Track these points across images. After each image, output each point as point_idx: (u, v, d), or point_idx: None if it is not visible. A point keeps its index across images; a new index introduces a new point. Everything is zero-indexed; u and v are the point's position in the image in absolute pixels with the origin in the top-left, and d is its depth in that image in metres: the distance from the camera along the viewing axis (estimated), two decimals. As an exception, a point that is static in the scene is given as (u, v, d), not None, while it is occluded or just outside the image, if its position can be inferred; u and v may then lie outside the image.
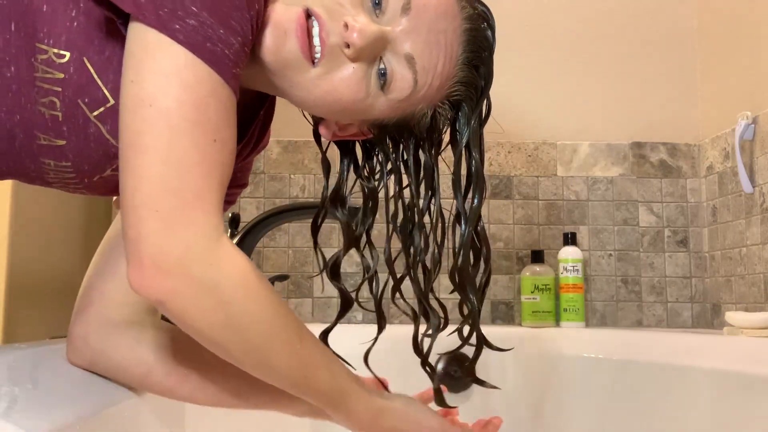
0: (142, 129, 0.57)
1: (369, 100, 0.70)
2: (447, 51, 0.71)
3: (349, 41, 0.66)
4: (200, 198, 0.57)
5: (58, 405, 0.62)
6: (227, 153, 0.60)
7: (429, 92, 0.72)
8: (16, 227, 1.35)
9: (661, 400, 1.29)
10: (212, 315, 0.59)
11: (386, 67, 0.69)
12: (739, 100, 1.65)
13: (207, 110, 0.58)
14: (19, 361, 0.70)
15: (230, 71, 0.60)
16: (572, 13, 1.89)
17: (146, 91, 0.58)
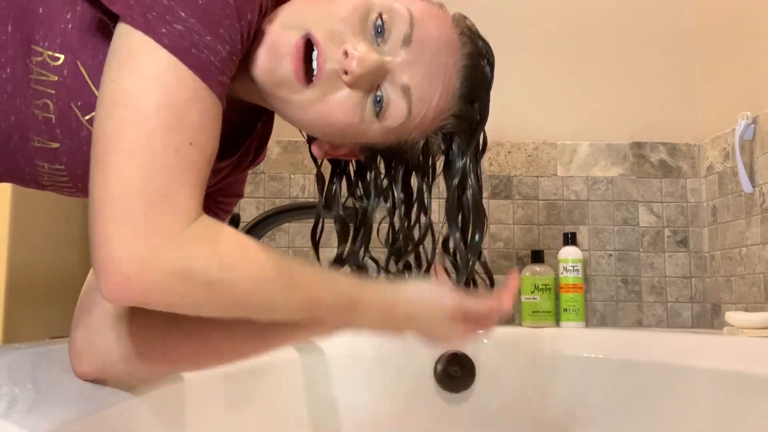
0: (116, 129, 0.56)
1: (363, 125, 0.70)
2: (444, 84, 0.71)
3: (348, 69, 0.66)
4: (169, 200, 0.56)
5: (58, 405, 0.62)
6: (205, 157, 0.59)
7: (422, 123, 0.72)
8: (16, 227, 1.35)
9: (661, 400, 1.29)
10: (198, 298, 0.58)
11: (383, 95, 0.69)
12: (739, 100, 1.65)
13: (186, 114, 0.58)
14: (19, 361, 0.70)
15: (215, 78, 0.60)
16: (572, 13, 1.89)
17: (125, 92, 0.57)
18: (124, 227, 0.55)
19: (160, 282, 0.56)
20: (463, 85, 0.73)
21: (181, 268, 0.56)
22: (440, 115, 0.73)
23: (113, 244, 0.55)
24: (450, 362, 1.51)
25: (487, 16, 1.96)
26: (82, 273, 0.81)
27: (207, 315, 0.62)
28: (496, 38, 2.07)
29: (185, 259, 0.56)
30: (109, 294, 0.56)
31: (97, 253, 0.56)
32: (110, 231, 0.55)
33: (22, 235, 1.38)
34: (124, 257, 0.55)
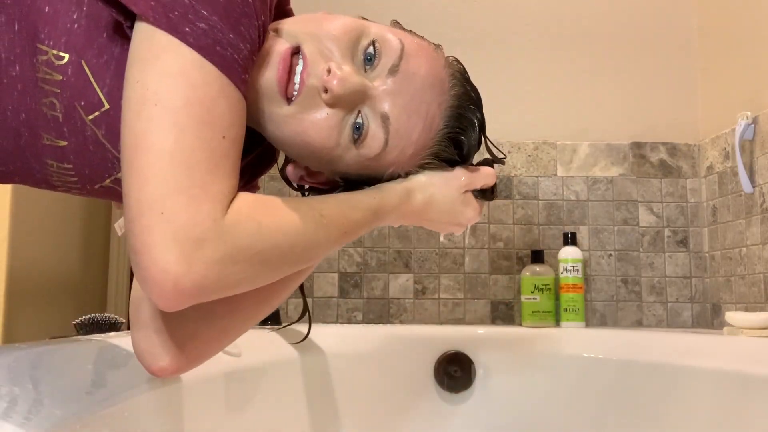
0: (147, 128, 0.56)
1: (338, 150, 0.70)
2: (426, 122, 0.71)
3: (328, 86, 0.66)
4: (208, 191, 0.56)
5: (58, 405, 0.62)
6: (236, 150, 0.60)
7: (400, 157, 0.72)
8: (16, 227, 1.35)
9: (661, 400, 1.29)
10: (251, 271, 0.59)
11: (363, 122, 0.69)
12: (739, 100, 1.65)
13: (215, 109, 0.58)
14: (19, 361, 0.70)
15: (239, 76, 0.60)
16: (572, 13, 1.89)
17: (151, 91, 0.57)
18: (168, 229, 0.54)
19: (212, 274, 0.56)
20: (447, 126, 0.73)
21: (227, 253, 0.56)
22: (420, 152, 0.73)
23: (158, 251, 0.54)
24: (450, 362, 1.51)
25: (488, 16, 1.96)
26: (82, 273, 0.81)
27: (267, 281, 0.63)
28: (497, 38, 2.06)
29: (229, 243, 0.57)
30: (164, 302, 0.56)
31: (142, 261, 0.55)
32: (154, 236, 0.54)
33: (22, 235, 1.38)
34: (172, 261, 0.54)
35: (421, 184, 0.75)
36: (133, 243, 0.56)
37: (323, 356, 1.43)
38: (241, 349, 1.16)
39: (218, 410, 1.05)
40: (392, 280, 1.79)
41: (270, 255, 0.60)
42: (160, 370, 0.69)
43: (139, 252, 0.55)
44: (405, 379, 1.50)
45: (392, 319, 1.79)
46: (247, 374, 1.16)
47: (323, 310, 1.79)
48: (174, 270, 0.54)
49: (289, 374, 1.33)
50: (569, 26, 1.89)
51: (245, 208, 0.59)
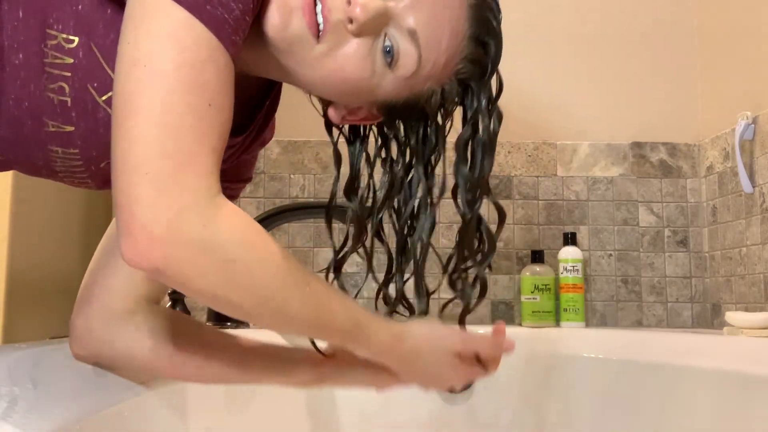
0: (135, 90, 0.56)
1: (375, 78, 0.69)
2: (452, 26, 0.70)
3: (352, 16, 0.65)
4: (194, 160, 0.56)
5: (58, 405, 0.62)
6: (223, 119, 0.59)
7: (435, 69, 0.71)
8: (16, 227, 1.35)
9: (661, 400, 1.29)
10: (216, 275, 0.58)
11: (392, 43, 0.68)
12: (739, 100, 1.65)
13: (204, 73, 0.57)
14: (19, 361, 0.70)
15: (229, 37, 0.59)
16: (572, 13, 1.89)
17: (142, 52, 0.57)
18: (150, 187, 0.55)
19: (182, 248, 0.55)
20: (472, 26, 0.72)
21: (203, 238, 0.56)
22: (452, 60, 0.72)
23: (140, 206, 0.55)
24: (450, 362, 1.50)
25: (487, 16, 1.96)
26: (81, 273, 0.81)
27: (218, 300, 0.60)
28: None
29: (208, 229, 0.56)
30: (131, 256, 0.56)
31: (122, 215, 0.56)
32: (136, 191, 0.55)
33: (22, 235, 1.38)
34: (150, 218, 0.54)
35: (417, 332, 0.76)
36: (116, 197, 0.56)
37: (323, 356, 1.43)
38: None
39: (218, 410, 1.05)
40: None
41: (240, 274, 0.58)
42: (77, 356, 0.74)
43: (121, 206, 0.56)
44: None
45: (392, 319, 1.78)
46: (247, 374, 1.16)
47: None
48: (152, 228, 0.54)
49: (289, 374, 1.32)
50: (569, 26, 1.89)
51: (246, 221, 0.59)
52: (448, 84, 0.73)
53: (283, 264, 0.61)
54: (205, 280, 0.58)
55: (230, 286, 0.59)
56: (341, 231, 0.86)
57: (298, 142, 1.80)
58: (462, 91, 0.75)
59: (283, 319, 0.64)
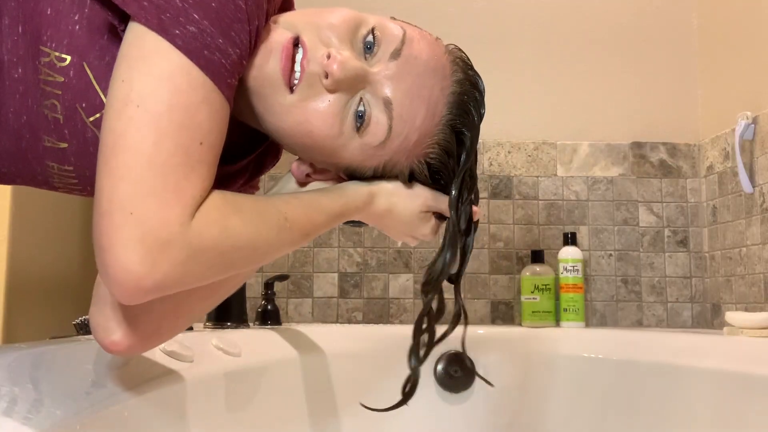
0: (127, 129, 0.57)
1: (341, 139, 0.69)
2: (430, 107, 0.70)
3: (328, 71, 0.66)
4: (180, 196, 0.57)
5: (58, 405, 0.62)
6: (213, 155, 0.60)
7: (404, 145, 0.71)
8: (16, 227, 1.35)
9: (661, 400, 1.29)
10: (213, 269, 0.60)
11: (365, 109, 0.68)
12: (739, 100, 1.65)
13: (197, 115, 0.58)
14: (19, 361, 0.70)
15: (225, 81, 0.60)
16: (572, 13, 1.90)
17: (136, 92, 0.57)
18: (135, 229, 0.55)
19: (174, 274, 0.56)
20: (450, 113, 0.72)
21: (190, 255, 0.57)
22: (423, 139, 0.71)
23: (124, 250, 0.55)
24: (450, 362, 1.51)
25: (488, 16, 1.96)
26: (82, 273, 0.81)
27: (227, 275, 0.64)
28: (496, 38, 2.06)
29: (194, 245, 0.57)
30: (124, 299, 0.57)
31: (106, 259, 0.56)
32: (120, 234, 0.55)
33: (22, 235, 1.38)
34: (135, 261, 0.55)
35: (386, 190, 0.76)
36: (98, 239, 0.57)
37: (323, 356, 1.43)
38: (241, 349, 1.16)
39: (218, 410, 1.05)
40: (392, 280, 1.79)
41: (232, 256, 0.61)
42: (112, 344, 0.69)
43: (104, 249, 0.56)
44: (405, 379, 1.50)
45: (392, 319, 1.79)
46: (247, 374, 1.16)
47: (323, 310, 1.79)
48: (136, 270, 0.55)
49: (289, 374, 1.33)
50: (569, 26, 1.89)
51: (213, 211, 0.59)
52: (417, 165, 0.73)
53: (260, 223, 0.63)
54: (205, 278, 0.61)
55: (229, 268, 0.62)
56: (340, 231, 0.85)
57: (298, 142, 1.80)
58: (430, 176, 0.75)
59: (282, 254, 0.69)
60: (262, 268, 1.78)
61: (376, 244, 1.79)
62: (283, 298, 1.78)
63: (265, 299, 1.58)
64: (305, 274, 1.80)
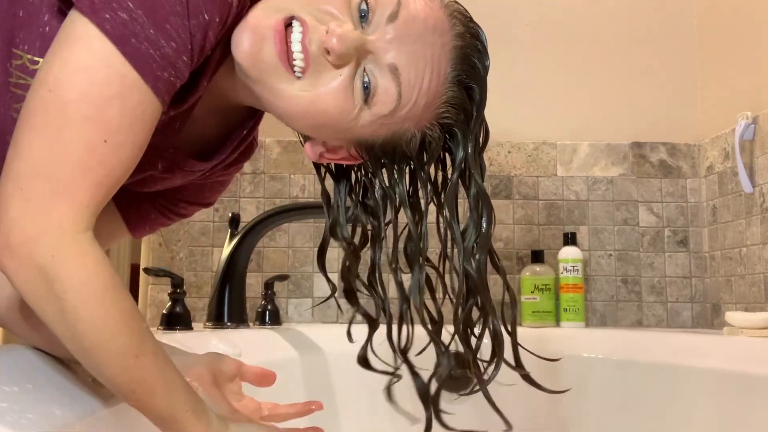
0: (35, 109, 0.57)
1: (353, 113, 0.67)
2: (434, 66, 0.68)
3: (329, 46, 0.64)
4: (70, 192, 0.56)
5: (58, 405, 0.62)
6: (120, 157, 0.59)
7: (415, 110, 0.68)
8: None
9: (661, 400, 1.29)
10: (45, 304, 0.58)
11: (369, 79, 0.66)
12: (739, 100, 1.65)
13: (107, 110, 0.57)
14: (19, 361, 0.70)
15: (153, 73, 0.58)
16: (572, 13, 1.89)
17: (52, 76, 0.57)
18: (20, 202, 0.56)
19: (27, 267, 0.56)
20: (455, 69, 0.70)
21: (48, 268, 0.56)
22: (434, 102, 0.69)
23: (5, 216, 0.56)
24: (450, 362, 1.50)
25: (487, 15, 1.96)
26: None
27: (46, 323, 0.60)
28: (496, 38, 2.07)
29: (56, 262, 0.56)
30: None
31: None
32: (6, 202, 0.56)
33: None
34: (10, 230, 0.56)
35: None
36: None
37: (323, 356, 1.43)
38: (241, 349, 1.16)
39: (218, 410, 1.05)
40: (392, 279, 1.78)
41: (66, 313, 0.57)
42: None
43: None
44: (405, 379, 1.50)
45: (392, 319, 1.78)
46: (247, 374, 1.16)
47: (323, 310, 1.79)
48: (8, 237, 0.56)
49: (289, 374, 1.33)
50: (569, 26, 1.89)
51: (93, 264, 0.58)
52: (429, 128, 0.71)
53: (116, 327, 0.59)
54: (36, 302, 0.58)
55: (57, 320, 0.58)
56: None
57: (298, 142, 1.79)
58: (446, 137, 0.72)
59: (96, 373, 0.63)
60: (262, 268, 1.78)
61: (376, 244, 1.79)
62: (283, 298, 1.78)
63: (265, 299, 1.58)
64: (305, 274, 1.80)
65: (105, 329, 0.59)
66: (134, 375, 0.61)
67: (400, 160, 0.73)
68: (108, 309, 0.58)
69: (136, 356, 0.60)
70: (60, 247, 0.56)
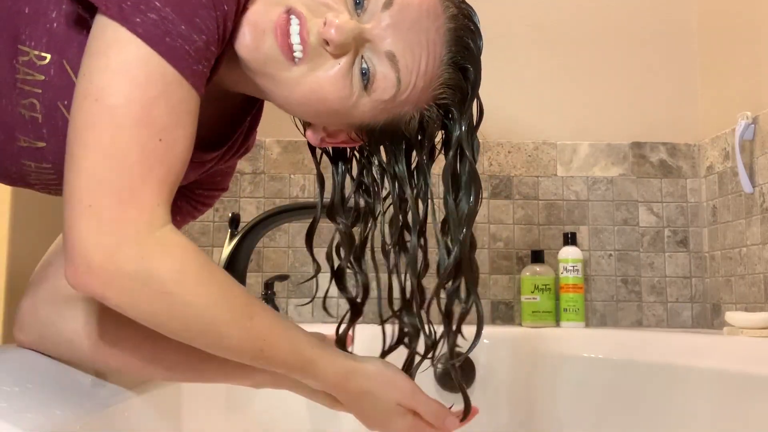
0: (85, 124, 0.57)
1: (353, 99, 0.69)
2: (430, 50, 0.70)
3: (327, 37, 0.65)
4: (136, 196, 0.57)
5: (58, 405, 0.62)
6: (176, 152, 0.60)
7: (413, 93, 0.70)
8: (16, 227, 1.35)
9: (661, 400, 1.29)
10: (151, 305, 0.59)
11: (368, 66, 0.68)
12: (739, 100, 1.65)
13: (154, 109, 0.58)
14: (19, 361, 0.70)
15: (190, 67, 0.60)
16: (572, 13, 1.89)
17: (94, 86, 0.58)
18: (92, 220, 0.56)
19: (119, 279, 0.57)
20: (450, 51, 0.71)
21: (139, 270, 0.57)
22: (431, 84, 0.71)
23: (81, 238, 0.56)
24: (450, 362, 1.50)
25: (487, 15, 1.96)
26: (82, 273, 0.81)
27: (157, 328, 0.62)
28: (496, 38, 2.06)
29: (146, 262, 0.57)
30: (72, 279, 0.58)
31: (66, 244, 0.58)
32: (78, 224, 0.57)
33: (22, 235, 1.38)
34: (90, 250, 0.56)
35: (365, 371, 0.75)
36: (64, 224, 0.58)
37: (323, 356, 1.43)
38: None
39: (218, 410, 1.05)
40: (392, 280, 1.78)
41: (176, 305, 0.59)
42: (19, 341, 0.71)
43: (65, 236, 0.58)
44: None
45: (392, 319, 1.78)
46: (247, 374, 1.16)
47: (323, 310, 1.78)
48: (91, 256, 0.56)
49: (289, 374, 1.32)
50: (569, 26, 1.89)
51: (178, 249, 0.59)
52: (427, 109, 0.73)
53: (222, 298, 0.62)
54: (141, 309, 0.59)
55: (167, 317, 0.60)
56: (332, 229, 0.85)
57: (298, 142, 1.80)
58: (443, 116, 0.74)
59: (221, 350, 0.65)
60: (262, 268, 1.78)
61: (376, 243, 1.78)
62: (283, 298, 1.78)
63: (265, 299, 1.58)
64: (305, 274, 1.80)
65: (213, 305, 0.61)
66: (256, 334, 0.64)
67: (399, 140, 0.75)
68: (209, 285, 0.60)
69: (250, 318, 0.63)
70: (144, 248, 0.57)
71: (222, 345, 0.64)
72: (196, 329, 0.62)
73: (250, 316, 0.64)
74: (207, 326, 0.62)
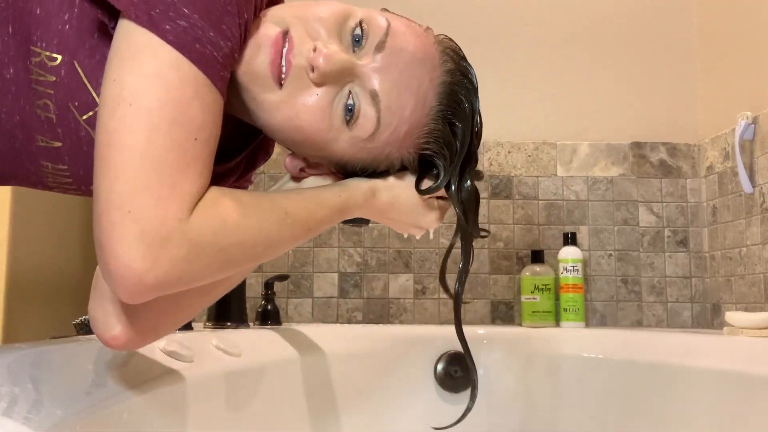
0: (120, 127, 0.57)
1: (331, 133, 0.69)
2: (419, 98, 0.70)
3: (314, 64, 0.66)
4: (175, 192, 0.57)
5: (58, 405, 0.62)
6: (208, 150, 0.61)
7: (395, 136, 0.70)
8: (16, 227, 1.35)
9: (661, 400, 1.29)
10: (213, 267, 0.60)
11: (353, 102, 0.68)
12: (739, 100, 1.65)
13: (189, 110, 0.58)
14: (19, 361, 0.70)
15: (218, 73, 0.60)
16: (572, 13, 1.90)
17: (128, 90, 0.57)
18: (133, 226, 0.55)
19: (175, 271, 0.57)
20: (441, 104, 0.71)
21: (190, 252, 0.57)
22: (414, 130, 0.71)
23: (124, 247, 0.55)
24: (450, 362, 1.51)
25: (487, 15, 1.96)
26: (82, 273, 0.81)
27: (229, 274, 0.64)
28: (496, 38, 2.07)
29: (194, 241, 0.57)
30: (126, 297, 0.57)
31: (106, 256, 0.56)
32: (119, 231, 0.55)
33: (22, 235, 1.38)
34: (136, 258, 0.55)
35: (386, 184, 0.76)
36: (99, 238, 0.57)
37: (323, 356, 1.43)
38: (242, 349, 1.16)
39: (218, 410, 1.05)
40: (392, 280, 1.79)
41: (232, 252, 0.61)
42: (111, 338, 0.69)
43: (104, 247, 0.56)
44: (405, 379, 1.50)
45: (392, 319, 1.79)
46: (247, 374, 1.16)
47: (323, 310, 1.79)
48: (137, 266, 0.55)
49: (289, 374, 1.33)
50: (569, 26, 1.89)
51: (211, 206, 0.60)
52: (407, 156, 0.73)
53: (261, 219, 0.64)
54: (205, 275, 0.61)
55: (230, 264, 0.62)
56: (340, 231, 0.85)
57: (298, 142, 1.80)
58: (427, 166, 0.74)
59: (285, 249, 0.69)
60: (262, 268, 1.78)
61: (376, 244, 1.79)
62: (283, 298, 1.78)
63: (265, 299, 1.58)
64: (305, 274, 1.80)
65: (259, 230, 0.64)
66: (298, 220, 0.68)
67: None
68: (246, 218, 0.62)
69: (286, 212, 0.66)
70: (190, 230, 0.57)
71: (283, 247, 0.68)
72: (259, 252, 0.65)
73: (285, 212, 0.66)
74: (265, 245, 0.65)
